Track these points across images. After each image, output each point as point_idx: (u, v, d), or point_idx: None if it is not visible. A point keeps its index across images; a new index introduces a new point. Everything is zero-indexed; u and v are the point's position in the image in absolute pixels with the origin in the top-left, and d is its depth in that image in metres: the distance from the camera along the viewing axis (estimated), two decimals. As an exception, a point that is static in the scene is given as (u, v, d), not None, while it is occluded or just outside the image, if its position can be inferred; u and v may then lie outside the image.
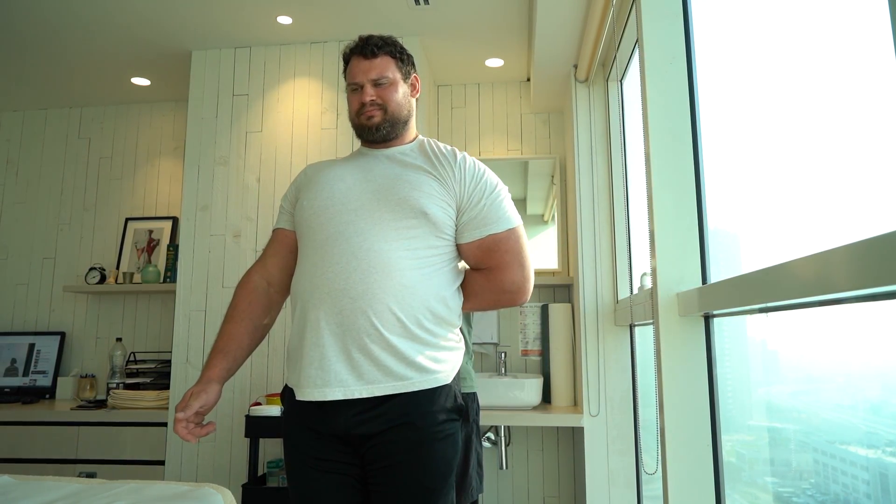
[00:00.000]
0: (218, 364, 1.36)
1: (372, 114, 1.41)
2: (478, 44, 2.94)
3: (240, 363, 1.41)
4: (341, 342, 1.28)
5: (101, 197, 3.56)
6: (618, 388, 2.48)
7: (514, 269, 1.41)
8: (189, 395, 1.31)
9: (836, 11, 1.01)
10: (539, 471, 2.98)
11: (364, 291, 1.28)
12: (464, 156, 1.42)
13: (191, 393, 1.31)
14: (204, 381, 1.33)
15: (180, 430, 1.28)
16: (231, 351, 1.39)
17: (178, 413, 1.28)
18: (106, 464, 2.77)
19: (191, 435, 1.30)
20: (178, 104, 3.57)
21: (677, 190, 1.50)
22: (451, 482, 1.32)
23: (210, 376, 1.34)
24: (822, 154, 1.04)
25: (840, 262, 0.80)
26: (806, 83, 1.10)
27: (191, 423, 1.30)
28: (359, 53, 1.43)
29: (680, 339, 1.43)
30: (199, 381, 1.34)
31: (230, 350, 1.39)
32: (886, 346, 0.90)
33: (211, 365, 1.36)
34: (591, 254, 2.57)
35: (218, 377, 1.35)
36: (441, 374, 1.33)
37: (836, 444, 1.03)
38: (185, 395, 1.31)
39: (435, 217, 1.34)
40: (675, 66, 1.56)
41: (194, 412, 1.29)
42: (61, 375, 3.33)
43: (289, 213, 1.50)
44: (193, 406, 1.29)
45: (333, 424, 1.30)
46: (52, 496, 1.68)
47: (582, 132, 2.66)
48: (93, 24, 2.75)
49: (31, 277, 3.53)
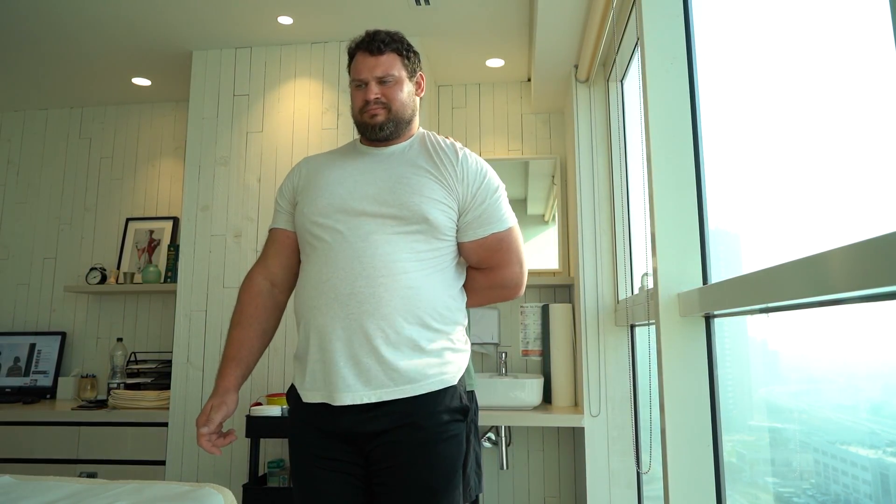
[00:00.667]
0: (232, 372, 1.37)
1: (376, 112, 1.39)
2: (478, 44, 2.94)
3: (252, 368, 1.42)
4: (348, 347, 1.28)
5: (101, 197, 3.56)
6: (618, 389, 2.48)
7: (512, 266, 1.43)
8: (209, 408, 1.32)
9: (837, 11, 1.01)
10: (540, 471, 2.98)
11: (370, 296, 1.28)
12: (465, 153, 1.41)
13: (210, 406, 1.32)
14: (221, 392, 1.34)
15: (205, 443, 1.30)
16: (243, 357, 1.39)
17: (203, 428, 1.29)
18: (106, 464, 2.77)
19: (215, 447, 1.31)
20: (178, 104, 3.57)
21: (678, 190, 1.50)
22: (455, 483, 1.32)
23: (226, 386, 1.35)
24: (822, 154, 1.04)
25: (841, 263, 0.80)
26: (807, 83, 1.10)
27: (213, 434, 1.32)
28: (365, 49, 1.40)
29: (681, 339, 1.43)
30: (216, 392, 1.35)
31: (242, 357, 1.39)
32: (887, 346, 0.90)
33: (224, 374, 1.37)
34: (592, 254, 2.57)
35: (233, 385, 1.36)
36: (447, 376, 1.33)
37: (837, 444, 1.03)
38: (206, 409, 1.32)
39: (436, 221, 1.34)
40: (675, 66, 1.56)
41: (217, 424, 1.31)
42: (62, 375, 3.33)
43: (287, 213, 1.48)
44: (216, 419, 1.30)
45: (338, 424, 1.30)
46: (53, 496, 1.68)
47: (582, 132, 2.66)
48: (93, 24, 2.75)
49: (32, 277, 3.53)
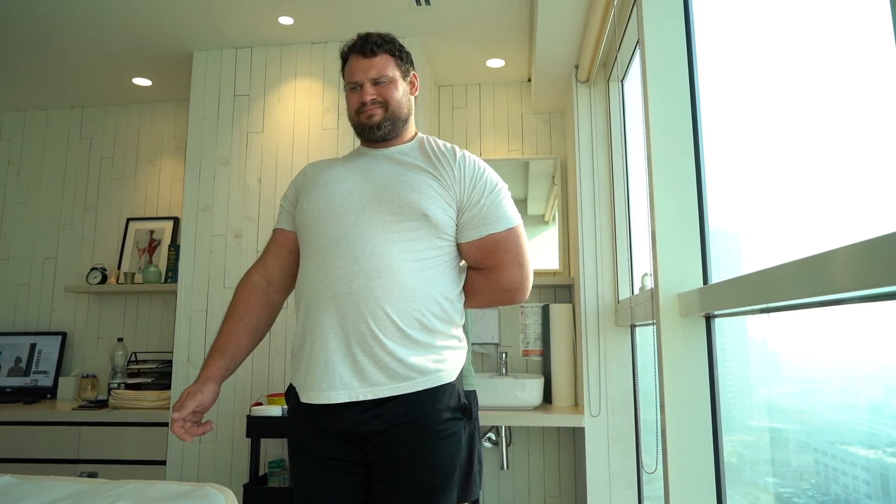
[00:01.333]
0: (215, 363, 1.36)
1: (372, 112, 1.40)
2: (479, 44, 2.94)
3: (238, 362, 1.41)
4: (345, 346, 1.29)
5: (102, 197, 3.56)
6: (618, 389, 2.48)
7: (512, 268, 1.40)
8: (185, 395, 1.31)
9: (838, 12, 1.01)
10: (540, 471, 2.98)
11: (367, 295, 1.28)
12: (463, 154, 1.41)
13: (187, 393, 1.31)
14: (201, 381, 1.33)
15: (177, 429, 1.29)
16: (229, 350, 1.38)
17: (175, 413, 1.28)
18: (107, 464, 2.77)
19: (187, 434, 1.30)
20: (179, 104, 3.57)
21: (678, 190, 1.50)
22: (454, 481, 1.32)
23: (207, 376, 1.34)
24: (823, 154, 1.04)
25: (842, 263, 0.80)
26: (807, 84, 1.10)
27: (187, 422, 1.30)
28: (358, 52, 1.41)
29: (681, 339, 1.43)
30: (197, 380, 1.34)
31: (228, 349, 1.38)
32: (887, 346, 0.90)
33: (208, 364, 1.36)
34: (592, 254, 2.58)
35: (215, 376, 1.35)
36: (444, 374, 1.33)
37: (837, 444, 1.03)
38: (182, 395, 1.31)
39: (436, 219, 1.33)
40: (676, 66, 1.56)
41: (190, 412, 1.29)
42: (63, 375, 3.33)
43: (289, 214, 1.49)
44: (189, 406, 1.29)
45: (338, 423, 1.30)
46: (54, 496, 1.68)
47: (583, 132, 2.66)
48: (94, 24, 2.75)
49: (33, 278, 3.53)
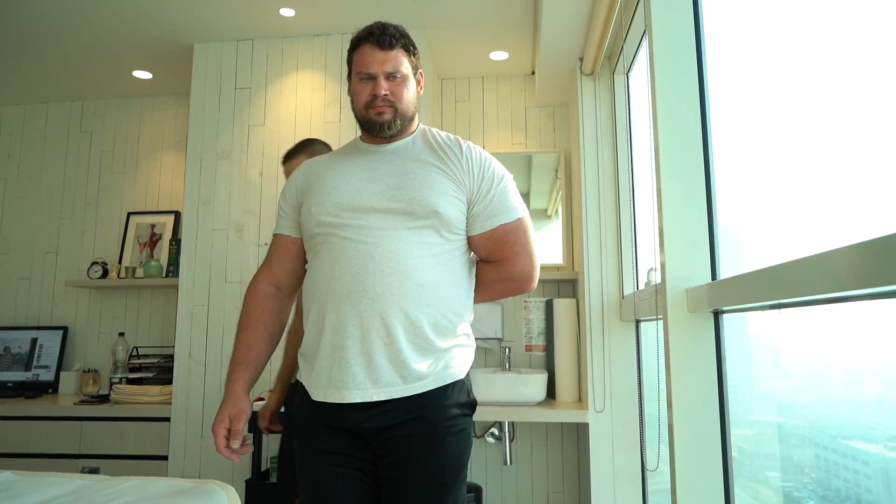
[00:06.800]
0: (241, 376, 1.39)
1: (383, 110, 1.36)
2: (482, 37, 2.91)
3: (260, 371, 1.43)
4: (361, 344, 1.28)
5: (103, 191, 3.55)
6: (623, 384, 2.46)
7: (522, 258, 1.41)
8: (227, 418, 1.33)
9: (847, 4, 0.99)
10: (543, 467, 2.97)
11: (382, 293, 1.27)
12: (468, 145, 1.40)
13: (228, 416, 1.33)
14: (235, 400, 1.36)
15: (226, 451, 1.33)
16: (251, 361, 1.40)
17: (233, 443, 1.32)
18: (109, 458, 2.77)
19: (235, 454, 1.34)
20: (180, 98, 3.55)
21: (686, 184, 1.48)
22: (462, 477, 1.33)
23: (237, 390, 1.37)
24: (836, 149, 1.02)
25: (853, 260, 0.79)
26: (819, 76, 1.08)
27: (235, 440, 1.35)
28: (375, 42, 1.36)
29: (689, 335, 1.41)
30: (228, 399, 1.36)
31: (251, 360, 1.40)
32: (890, 343, 0.90)
33: (234, 378, 1.38)
34: (597, 249, 2.56)
35: (243, 389, 1.38)
36: (455, 370, 1.34)
37: (839, 439, 1.03)
38: (222, 417, 1.33)
39: (447, 215, 1.32)
40: (684, 57, 1.53)
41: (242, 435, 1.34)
42: (64, 370, 3.32)
43: (291, 218, 1.46)
44: (241, 430, 1.33)
45: (346, 419, 1.30)
46: (56, 492, 1.67)
47: (587, 126, 2.63)
48: (94, 17, 2.73)
49: (34, 272, 3.52)
